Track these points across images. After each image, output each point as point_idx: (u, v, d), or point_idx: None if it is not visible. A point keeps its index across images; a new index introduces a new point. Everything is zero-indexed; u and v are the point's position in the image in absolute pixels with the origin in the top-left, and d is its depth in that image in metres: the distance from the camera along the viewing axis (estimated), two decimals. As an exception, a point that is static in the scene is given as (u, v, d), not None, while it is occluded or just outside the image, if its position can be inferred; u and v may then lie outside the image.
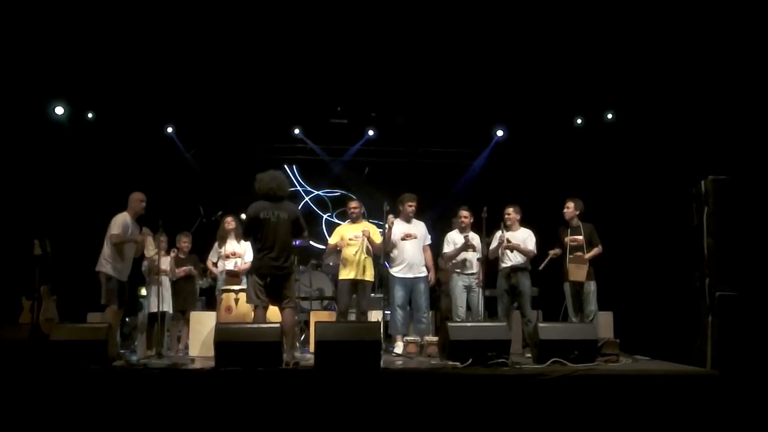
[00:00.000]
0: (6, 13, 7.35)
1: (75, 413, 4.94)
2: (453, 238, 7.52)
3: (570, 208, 7.26)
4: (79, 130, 9.46)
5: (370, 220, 8.22)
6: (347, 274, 7.28)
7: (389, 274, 7.45)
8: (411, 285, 7.29)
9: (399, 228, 7.37)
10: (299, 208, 9.92)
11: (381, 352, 5.79)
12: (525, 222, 7.47)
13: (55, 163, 9.13)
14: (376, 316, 7.45)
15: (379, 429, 4.98)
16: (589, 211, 7.39)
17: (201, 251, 7.96)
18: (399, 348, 7.12)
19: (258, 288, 5.98)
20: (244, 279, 7.50)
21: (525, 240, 7.31)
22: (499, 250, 7.26)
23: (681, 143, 8.05)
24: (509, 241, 7.23)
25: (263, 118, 9.85)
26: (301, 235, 6.22)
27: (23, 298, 7.75)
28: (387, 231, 7.23)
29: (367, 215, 8.53)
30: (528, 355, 6.60)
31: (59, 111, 9.26)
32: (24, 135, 8.79)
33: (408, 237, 7.35)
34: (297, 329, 7.31)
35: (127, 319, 7.76)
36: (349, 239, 7.33)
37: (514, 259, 7.28)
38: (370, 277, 7.33)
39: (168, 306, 7.26)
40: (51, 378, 5.14)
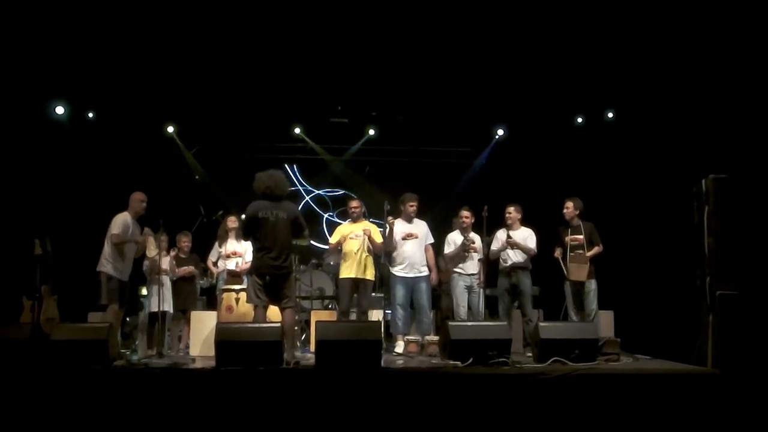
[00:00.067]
0: (6, 13, 7.35)
1: (76, 413, 4.95)
2: (454, 238, 7.52)
3: (569, 208, 7.27)
4: (80, 129, 9.46)
5: (371, 219, 8.22)
6: (348, 271, 7.28)
7: (390, 273, 7.45)
8: (412, 284, 7.28)
9: (400, 228, 7.37)
10: (300, 207, 9.99)
11: (382, 351, 5.79)
12: (526, 221, 7.48)
13: (56, 163, 9.12)
14: (376, 315, 7.46)
15: (380, 428, 4.99)
16: (590, 210, 7.39)
17: (201, 251, 7.96)
18: (400, 347, 7.12)
19: (257, 287, 5.98)
20: (245, 278, 7.50)
21: (526, 239, 7.35)
22: (501, 248, 7.28)
23: (681, 142, 8.04)
24: (510, 237, 7.24)
25: (263, 117, 9.84)
26: (301, 235, 6.18)
27: (24, 297, 7.74)
28: (387, 233, 7.23)
29: (368, 215, 8.53)
30: (529, 355, 6.60)
31: (60, 111, 9.25)
32: (24, 135, 8.78)
33: (409, 237, 7.35)
34: (298, 329, 7.33)
35: (128, 319, 7.76)
36: (350, 237, 7.34)
37: (514, 258, 7.30)
38: (370, 276, 7.34)
39: (169, 306, 7.26)
40: (52, 378, 5.14)
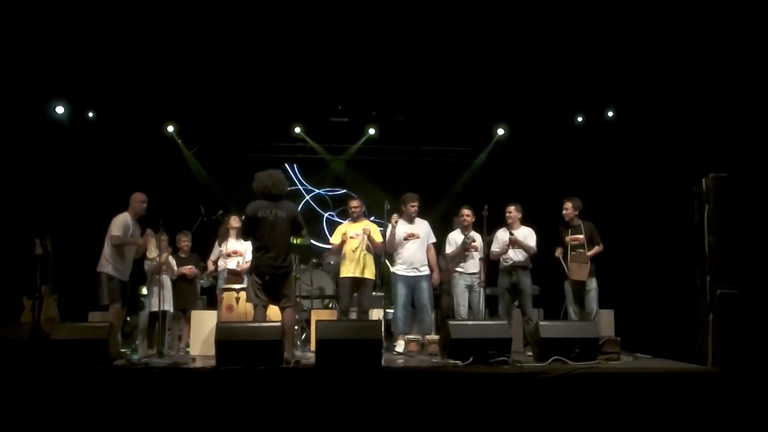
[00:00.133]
0: (6, 13, 7.35)
1: (76, 412, 4.95)
2: (455, 238, 7.52)
3: (569, 208, 7.26)
4: (80, 129, 9.46)
5: (371, 218, 8.21)
6: (348, 271, 7.29)
7: (391, 272, 7.44)
8: (413, 284, 7.27)
9: (402, 228, 7.36)
10: (300, 207, 9.99)
11: (382, 350, 5.79)
12: (526, 220, 7.48)
13: (56, 163, 9.12)
14: (377, 314, 7.46)
15: (380, 427, 4.99)
16: (590, 209, 7.39)
17: (202, 250, 7.96)
18: (400, 346, 7.11)
19: (257, 287, 5.98)
20: (245, 278, 7.50)
21: (526, 238, 7.36)
22: (502, 250, 7.29)
23: (682, 141, 8.04)
24: (512, 234, 7.25)
25: (263, 116, 9.84)
26: (300, 234, 6.19)
27: (24, 297, 7.74)
28: (390, 231, 7.22)
29: (368, 214, 8.52)
30: (529, 354, 6.60)
31: (60, 110, 9.25)
32: (25, 134, 8.78)
33: (411, 237, 7.34)
34: (298, 328, 7.33)
35: (128, 319, 7.75)
36: (350, 237, 7.34)
37: (515, 258, 7.30)
38: (370, 276, 7.33)
39: (169, 305, 7.25)
40: (52, 377, 5.15)
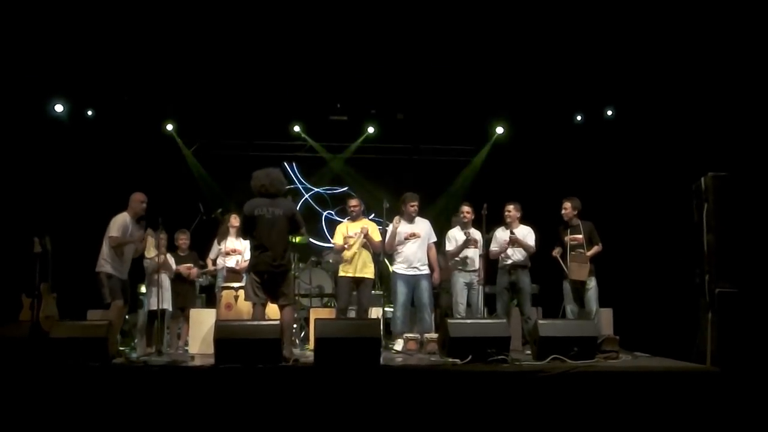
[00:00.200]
0: (6, 11, 7.34)
1: (75, 411, 4.95)
2: (455, 235, 7.51)
3: (567, 208, 7.25)
4: (79, 127, 9.46)
5: (370, 217, 8.20)
6: (346, 270, 7.30)
7: (390, 271, 7.43)
8: (413, 282, 7.26)
9: (402, 228, 7.33)
10: (299, 205, 9.99)
11: (381, 349, 5.79)
12: (525, 219, 7.48)
13: (55, 161, 9.12)
14: (376, 313, 7.45)
15: (379, 426, 4.99)
16: (589, 208, 7.38)
17: (201, 249, 7.96)
18: (399, 345, 7.11)
19: (255, 285, 5.98)
20: (244, 276, 7.50)
21: (525, 237, 7.35)
22: (501, 249, 7.29)
23: (681, 140, 8.04)
24: (513, 233, 7.25)
25: (263, 115, 9.84)
26: (299, 232, 6.17)
27: (23, 295, 7.75)
28: (390, 232, 7.21)
29: (367, 212, 8.51)
30: (528, 353, 6.59)
31: (59, 108, 9.26)
32: (24, 132, 8.78)
33: (412, 237, 7.32)
34: (297, 326, 7.32)
35: (127, 317, 7.75)
36: (348, 237, 7.33)
37: (514, 257, 7.30)
38: (369, 275, 7.33)
39: (168, 303, 7.24)
40: (51, 375, 5.14)
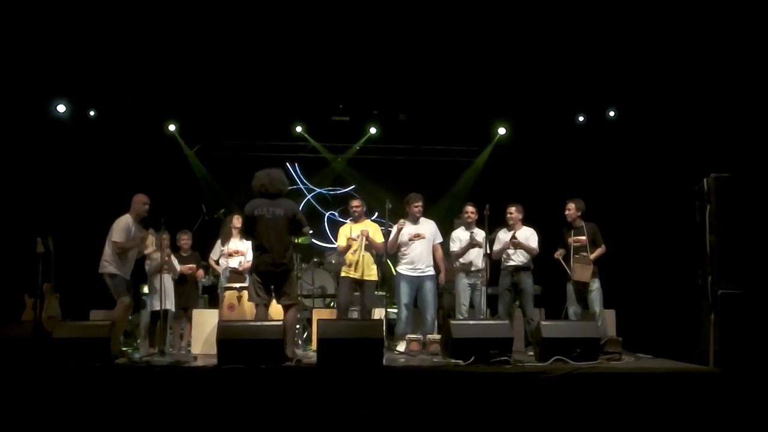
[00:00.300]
0: (8, 11, 7.35)
1: (78, 411, 4.95)
2: (459, 236, 7.50)
3: (571, 209, 7.25)
4: (81, 127, 9.46)
5: (373, 218, 8.20)
6: (348, 272, 7.29)
7: (393, 272, 7.42)
8: (418, 283, 7.26)
9: (407, 229, 7.32)
10: (301, 206, 9.98)
11: (383, 349, 5.79)
12: (527, 220, 7.47)
13: (58, 161, 9.12)
14: (378, 314, 7.45)
15: (382, 427, 4.99)
16: (592, 209, 7.37)
17: (203, 249, 7.96)
18: (401, 346, 7.10)
19: (258, 286, 5.99)
20: (247, 277, 7.49)
21: (527, 238, 7.34)
22: (503, 247, 7.28)
23: (683, 141, 8.03)
24: (515, 237, 7.25)
25: (265, 115, 9.84)
26: (301, 232, 6.16)
27: (26, 295, 7.75)
28: (394, 234, 7.20)
29: (370, 213, 8.51)
30: (530, 354, 6.59)
31: (61, 109, 9.26)
32: (26, 133, 8.78)
33: (416, 237, 7.31)
34: (299, 327, 7.32)
35: (130, 318, 7.76)
36: (351, 239, 7.32)
37: (516, 259, 7.30)
38: (372, 277, 7.30)
39: (170, 304, 7.23)
40: (53, 376, 5.15)
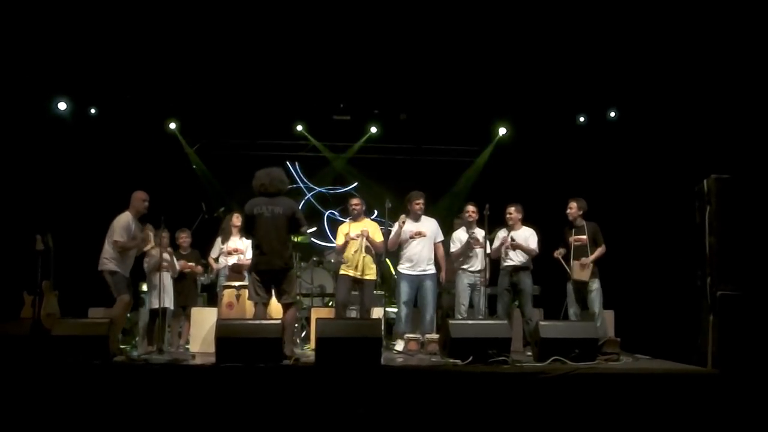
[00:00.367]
0: (8, 9, 7.35)
1: (76, 408, 4.95)
2: (459, 236, 7.50)
3: (573, 208, 7.24)
4: (82, 125, 9.47)
5: (372, 217, 8.19)
6: (346, 270, 7.30)
7: (392, 271, 7.42)
8: (418, 282, 7.25)
9: (407, 227, 7.32)
10: (301, 205, 9.98)
11: (382, 349, 5.78)
12: (528, 220, 7.47)
13: (58, 159, 9.13)
14: (377, 313, 7.45)
15: (380, 426, 4.99)
16: (591, 210, 7.37)
17: (203, 248, 7.96)
18: (400, 345, 7.10)
19: (257, 284, 6.00)
20: (246, 275, 7.49)
21: (527, 239, 7.32)
22: (502, 248, 7.28)
23: (684, 142, 8.03)
24: (513, 239, 7.24)
25: (266, 114, 9.84)
26: (300, 231, 6.17)
27: (25, 293, 7.76)
28: (395, 231, 7.20)
29: (369, 212, 8.51)
30: (529, 354, 6.59)
31: (62, 106, 9.27)
32: (27, 130, 8.79)
33: (417, 235, 7.31)
34: (298, 326, 7.32)
35: (129, 315, 7.77)
36: (350, 238, 7.31)
37: (516, 259, 7.29)
38: (371, 276, 7.31)
39: (169, 302, 7.24)
40: (52, 373, 5.15)
